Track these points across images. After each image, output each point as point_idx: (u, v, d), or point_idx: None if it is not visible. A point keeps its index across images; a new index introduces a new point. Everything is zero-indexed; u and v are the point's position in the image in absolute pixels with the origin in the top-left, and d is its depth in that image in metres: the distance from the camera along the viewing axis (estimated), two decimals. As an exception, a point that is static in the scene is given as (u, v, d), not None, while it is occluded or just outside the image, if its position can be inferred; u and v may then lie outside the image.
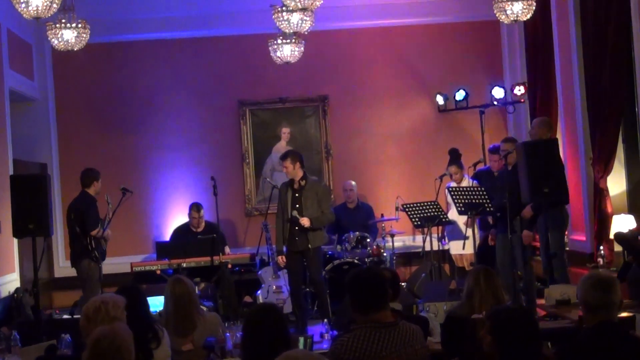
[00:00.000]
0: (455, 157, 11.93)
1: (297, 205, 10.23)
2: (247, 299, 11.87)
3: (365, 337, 4.67)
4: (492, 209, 10.14)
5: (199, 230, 12.01)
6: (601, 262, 9.94)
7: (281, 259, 10.51)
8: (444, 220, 11.11)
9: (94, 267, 10.55)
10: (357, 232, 11.87)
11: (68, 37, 9.11)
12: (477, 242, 10.84)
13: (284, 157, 10.45)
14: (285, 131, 13.43)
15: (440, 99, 13.21)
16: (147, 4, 13.09)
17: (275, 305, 4.87)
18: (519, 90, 12.58)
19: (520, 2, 9.11)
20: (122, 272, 11.57)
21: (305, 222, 10.09)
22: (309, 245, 10.12)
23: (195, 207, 12.10)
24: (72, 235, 10.79)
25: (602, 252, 10.03)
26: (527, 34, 12.94)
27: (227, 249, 11.91)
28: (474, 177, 11.34)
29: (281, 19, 9.49)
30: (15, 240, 10.94)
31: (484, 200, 10.13)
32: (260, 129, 13.44)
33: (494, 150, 11.09)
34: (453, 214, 11.30)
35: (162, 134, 13.27)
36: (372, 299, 4.79)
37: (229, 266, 11.39)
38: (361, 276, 4.94)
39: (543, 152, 9.14)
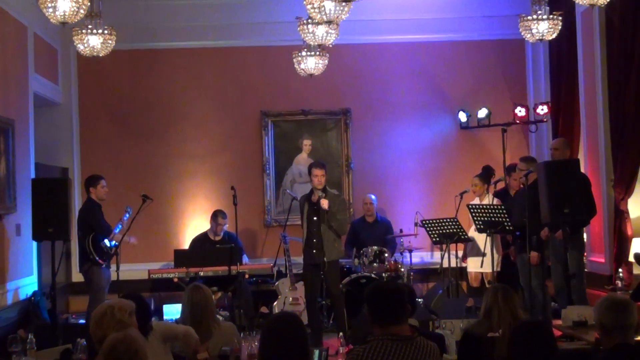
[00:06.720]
0: (485, 172, 11.83)
1: (315, 218, 10.22)
2: (264, 309, 11.87)
3: (381, 350, 4.65)
4: (511, 227, 10.10)
5: (217, 239, 12.02)
6: (619, 285, 9.87)
7: None
8: (462, 237, 11.05)
9: (97, 272, 10.55)
10: (376, 247, 11.83)
11: (94, 43, 9.11)
12: (496, 259, 10.76)
13: (322, 166, 10.42)
14: (306, 143, 13.42)
15: (462, 116, 13.18)
16: (173, 13, 13.15)
17: (296, 315, 4.86)
18: (542, 109, 12.58)
19: (546, 22, 9.09)
20: (140, 278, 11.60)
21: (324, 203, 10.09)
22: (325, 259, 10.09)
23: (220, 214, 12.09)
24: (78, 240, 10.90)
25: (620, 274, 9.98)
26: (552, 53, 12.93)
27: (245, 259, 11.91)
28: (494, 196, 11.34)
29: (306, 31, 9.46)
30: (35, 244, 10.97)
31: (503, 219, 10.10)
32: (282, 140, 13.42)
33: (514, 169, 11.08)
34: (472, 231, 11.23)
35: (183, 142, 13.26)
36: (391, 311, 4.78)
37: (247, 276, 11.39)
38: (382, 288, 4.94)
39: (565, 172, 9.11)
